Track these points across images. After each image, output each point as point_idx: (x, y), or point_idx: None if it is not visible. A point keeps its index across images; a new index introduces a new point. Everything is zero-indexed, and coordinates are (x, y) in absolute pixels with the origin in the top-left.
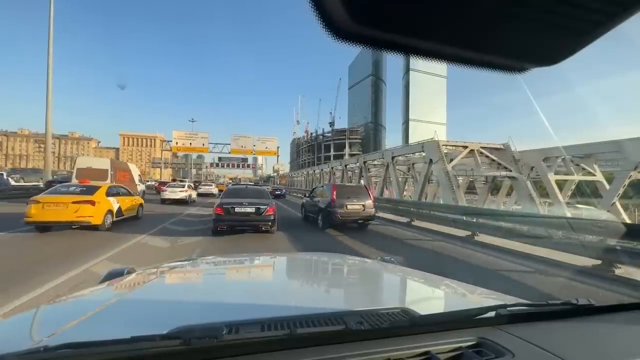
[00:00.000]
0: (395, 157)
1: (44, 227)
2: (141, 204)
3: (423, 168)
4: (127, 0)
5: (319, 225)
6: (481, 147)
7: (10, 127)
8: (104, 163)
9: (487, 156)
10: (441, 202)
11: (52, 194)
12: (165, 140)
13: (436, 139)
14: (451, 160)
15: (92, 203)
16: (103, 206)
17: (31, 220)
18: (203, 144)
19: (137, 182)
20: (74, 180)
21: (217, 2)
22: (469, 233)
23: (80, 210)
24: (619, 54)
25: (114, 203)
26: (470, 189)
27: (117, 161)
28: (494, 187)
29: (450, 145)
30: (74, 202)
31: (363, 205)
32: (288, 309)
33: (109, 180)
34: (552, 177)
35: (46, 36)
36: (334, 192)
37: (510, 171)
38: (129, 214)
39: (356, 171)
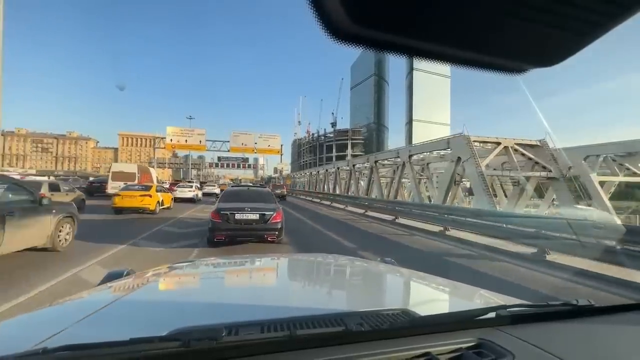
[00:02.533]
0: (412, 155)
1: (119, 211)
2: (173, 199)
3: (448, 167)
4: (127, 1)
5: None
6: (515, 144)
7: (8, 127)
8: (132, 168)
9: (522, 154)
10: (476, 208)
11: (127, 190)
12: (159, 137)
13: (466, 134)
14: (473, 158)
15: (150, 196)
16: (155, 198)
17: (116, 206)
18: (200, 142)
19: (155, 182)
20: (110, 181)
21: (216, 2)
22: None
23: (144, 200)
24: (620, 54)
25: (160, 197)
26: None
27: (141, 166)
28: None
29: (480, 142)
30: (140, 195)
31: (282, 191)
32: (288, 310)
33: (136, 181)
34: (596, 178)
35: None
36: (271, 186)
37: (550, 171)
38: (166, 206)
39: (364, 172)
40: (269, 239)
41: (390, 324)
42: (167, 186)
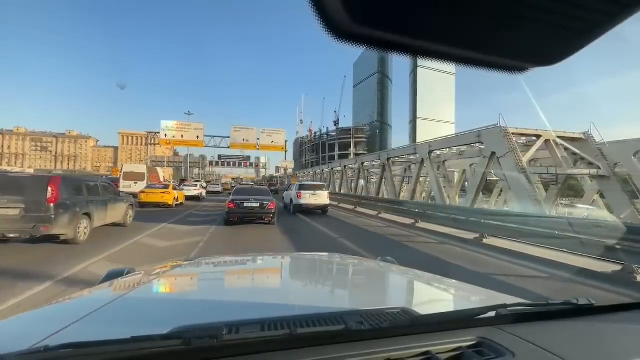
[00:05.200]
0: (433, 151)
1: (144, 205)
2: (185, 196)
3: (480, 164)
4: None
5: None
6: (557, 137)
7: (7, 126)
8: (142, 168)
9: (566, 148)
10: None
11: (150, 188)
12: (153, 133)
13: (503, 125)
14: (512, 152)
15: (168, 193)
16: (172, 195)
17: (141, 201)
18: (197, 137)
19: (162, 181)
20: (122, 181)
21: (216, 3)
22: None
23: (164, 197)
24: (620, 53)
25: (176, 194)
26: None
27: (150, 167)
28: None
29: (516, 134)
30: (161, 192)
31: (276, 187)
32: (288, 309)
33: (145, 181)
34: None
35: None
36: (268, 185)
37: (599, 168)
38: (180, 201)
39: (372, 170)
40: (265, 220)
41: (390, 323)
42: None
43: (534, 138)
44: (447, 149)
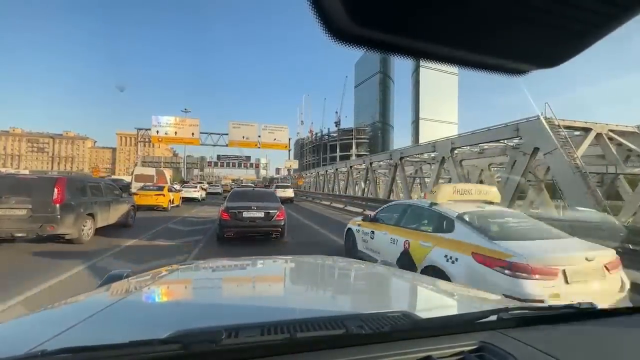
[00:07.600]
0: (455, 148)
1: (138, 207)
2: (182, 198)
3: (518, 163)
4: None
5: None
6: (609, 130)
7: (2, 126)
8: (151, 171)
9: (619, 144)
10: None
11: (144, 190)
12: (142, 129)
13: (548, 116)
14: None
15: (163, 195)
16: (167, 197)
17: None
18: (192, 134)
19: (168, 183)
20: (134, 183)
21: (216, 4)
22: None
23: (158, 199)
24: (621, 54)
25: (171, 196)
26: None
27: (158, 169)
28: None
29: (563, 127)
30: (155, 195)
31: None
32: (288, 313)
33: (154, 182)
34: None
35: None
36: (262, 186)
37: None
38: (176, 204)
39: (380, 171)
40: (273, 236)
41: (391, 327)
42: (178, 187)
43: (577, 133)
44: (468, 147)
